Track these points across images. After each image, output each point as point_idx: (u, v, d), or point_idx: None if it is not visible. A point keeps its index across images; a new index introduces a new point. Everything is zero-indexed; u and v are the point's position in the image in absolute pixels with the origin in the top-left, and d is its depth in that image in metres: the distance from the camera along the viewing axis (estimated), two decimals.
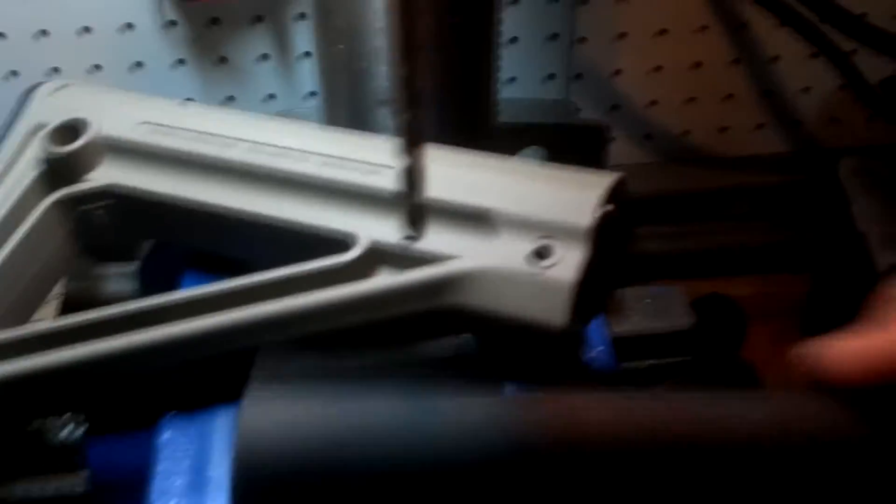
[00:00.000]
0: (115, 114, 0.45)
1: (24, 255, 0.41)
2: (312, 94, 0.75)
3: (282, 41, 0.73)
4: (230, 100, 0.75)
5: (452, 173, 0.42)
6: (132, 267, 0.79)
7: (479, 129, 0.54)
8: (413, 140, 0.32)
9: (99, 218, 0.43)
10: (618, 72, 0.76)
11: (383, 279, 0.40)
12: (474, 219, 0.40)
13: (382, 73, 0.49)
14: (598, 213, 0.40)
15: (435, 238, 0.39)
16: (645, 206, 0.80)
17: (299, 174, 0.42)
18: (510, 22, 0.72)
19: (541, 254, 0.39)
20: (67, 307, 0.66)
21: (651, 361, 0.49)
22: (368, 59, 0.48)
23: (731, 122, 0.79)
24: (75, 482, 0.44)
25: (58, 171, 0.44)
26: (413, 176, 0.33)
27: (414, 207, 0.34)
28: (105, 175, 0.44)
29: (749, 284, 0.82)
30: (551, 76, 0.76)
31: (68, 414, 0.43)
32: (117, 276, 0.80)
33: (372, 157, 0.43)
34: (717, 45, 0.75)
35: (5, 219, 0.42)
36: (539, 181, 0.42)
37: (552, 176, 0.42)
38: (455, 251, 0.39)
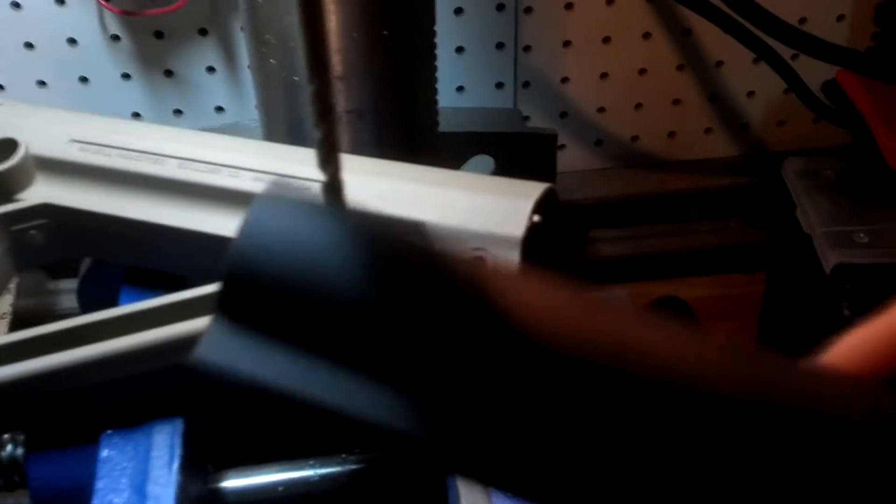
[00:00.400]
0: (44, 132, 0.45)
1: None
2: None
3: (228, 53, 0.73)
4: (178, 113, 0.74)
5: (386, 186, 0.42)
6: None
7: (421, 140, 0.54)
8: (329, 153, 0.32)
9: (33, 237, 0.43)
10: (565, 79, 0.76)
11: None
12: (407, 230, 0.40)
13: None
14: (530, 224, 0.40)
15: None
16: (597, 210, 0.80)
17: (231, 190, 0.42)
18: (456, 32, 0.73)
19: None
20: (17, 323, 0.66)
21: None
22: (301, 73, 0.48)
23: (679, 127, 0.80)
24: (18, 500, 0.44)
25: None
26: (333, 192, 0.33)
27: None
28: (37, 194, 0.44)
29: (703, 286, 0.83)
30: (500, 85, 0.76)
31: (8, 433, 0.43)
32: (68, 291, 0.80)
33: (304, 172, 0.43)
34: (661, 52, 0.75)
35: None
36: (471, 193, 0.42)
37: (485, 187, 0.43)
38: None
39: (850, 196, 0.68)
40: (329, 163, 0.32)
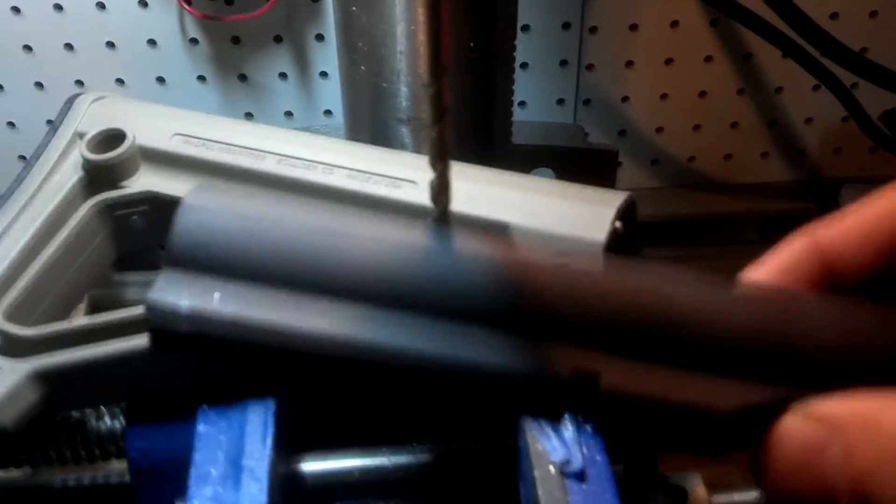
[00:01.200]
0: (150, 125, 0.47)
1: (67, 254, 0.43)
2: (328, 112, 0.77)
3: (300, 60, 0.75)
4: (249, 116, 0.77)
5: (473, 188, 0.44)
6: (152, 276, 0.81)
7: (496, 150, 0.56)
8: (440, 154, 0.34)
9: (135, 222, 0.46)
10: (625, 98, 0.78)
11: None
12: (494, 232, 0.42)
13: (403, 92, 0.51)
14: (612, 230, 0.42)
15: None
16: (652, 229, 0.82)
17: (326, 186, 0.44)
18: (521, 48, 0.75)
19: None
20: (91, 312, 0.68)
21: None
22: (389, 80, 0.50)
23: (736, 150, 0.81)
24: (115, 471, 0.45)
25: (97, 177, 0.46)
26: (440, 187, 0.34)
27: (441, 218, 0.36)
28: (141, 182, 0.46)
29: None
30: (560, 101, 0.78)
31: (108, 405, 0.44)
32: (133, 283, 0.82)
33: (395, 172, 0.45)
34: (722, 75, 0.77)
35: (50, 218, 0.44)
36: (555, 197, 0.44)
37: (567, 192, 0.44)
38: None
39: None
40: (440, 160, 0.34)
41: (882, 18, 0.75)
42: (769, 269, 0.33)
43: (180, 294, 0.32)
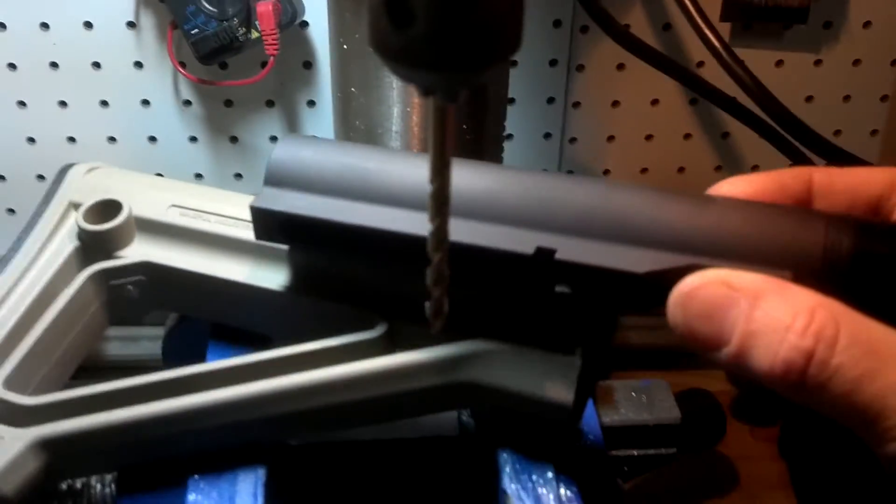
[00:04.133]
0: (145, 196, 0.48)
1: (62, 324, 0.44)
2: None
3: (291, 125, 0.76)
4: (238, 177, 0.78)
5: None
6: (131, 331, 0.81)
7: None
8: (439, 242, 0.35)
9: (129, 291, 0.46)
10: (606, 171, 0.80)
11: (403, 356, 0.43)
12: None
13: None
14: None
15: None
16: None
17: None
18: (507, 120, 0.77)
19: None
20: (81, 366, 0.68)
21: (638, 451, 0.52)
22: None
23: None
24: None
25: (92, 246, 0.46)
26: (438, 274, 0.36)
27: (436, 302, 0.37)
28: (137, 252, 0.47)
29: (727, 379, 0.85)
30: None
31: (100, 474, 0.45)
32: (117, 338, 0.82)
33: None
34: (700, 152, 0.79)
35: (46, 287, 0.45)
36: None
37: None
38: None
39: None
40: (438, 250, 0.35)
41: (854, 102, 0.78)
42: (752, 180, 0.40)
43: (276, 202, 0.42)
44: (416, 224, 0.38)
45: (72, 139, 0.76)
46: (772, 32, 0.74)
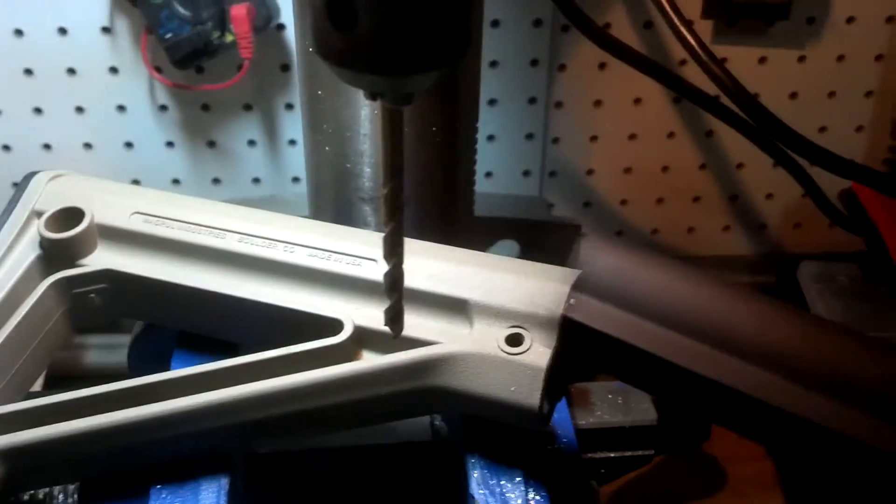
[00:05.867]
0: (108, 203, 0.47)
1: (24, 333, 0.43)
2: (296, 179, 0.78)
3: (269, 128, 0.76)
4: (216, 182, 0.77)
5: (434, 266, 0.45)
6: (111, 338, 0.80)
7: (458, 225, 0.57)
8: (395, 247, 0.34)
9: (92, 300, 0.46)
10: (590, 171, 0.79)
11: (369, 361, 0.42)
12: (453, 308, 0.43)
13: (366, 173, 0.51)
14: (567, 306, 0.43)
15: (417, 324, 0.42)
16: None
17: (288, 264, 0.45)
18: (489, 121, 0.76)
19: (514, 341, 0.42)
20: (48, 377, 0.68)
21: (615, 453, 0.51)
22: (353, 161, 0.51)
23: (699, 224, 0.82)
24: None
25: (55, 255, 0.46)
26: (393, 279, 0.35)
27: (393, 307, 0.36)
28: (99, 260, 0.46)
29: None
30: (527, 173, 0.79)
31: (62, 484, 0.44)
32: (93, 346, 0.81)
33: (355, 250, 0.46)
34: (685, 151, 0.78)
35: (7, 296, 0.44)
36: (510, 274, 0.44)
37: (522, 270, 0.45)
38: (435, 337, 0.42)
39: (862, 302, 0.70)
40: (393, 255, 0.34)
41: (839, 99, 0.77)
42: None
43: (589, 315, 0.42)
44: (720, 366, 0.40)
45: (47, 146, 0.75)
46: (755, 29, 0.73)
